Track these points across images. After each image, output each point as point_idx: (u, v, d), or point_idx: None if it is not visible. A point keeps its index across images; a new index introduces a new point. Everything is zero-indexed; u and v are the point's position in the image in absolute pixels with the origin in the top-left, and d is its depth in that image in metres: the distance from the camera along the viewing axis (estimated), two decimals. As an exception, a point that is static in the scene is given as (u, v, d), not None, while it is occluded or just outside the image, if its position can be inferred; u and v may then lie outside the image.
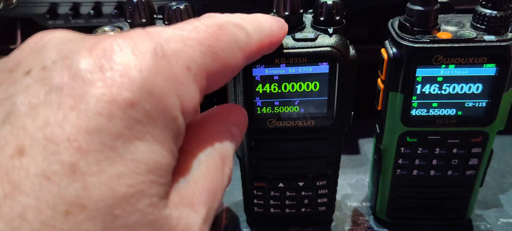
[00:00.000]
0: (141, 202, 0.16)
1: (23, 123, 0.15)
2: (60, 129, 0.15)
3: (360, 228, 0.43)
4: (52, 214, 0.14)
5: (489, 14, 0.31)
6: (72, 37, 0.18)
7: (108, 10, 0.50)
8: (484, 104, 0.33)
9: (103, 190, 0.15)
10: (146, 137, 0.16)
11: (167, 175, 0.17)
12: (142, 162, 0.16)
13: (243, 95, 0.32)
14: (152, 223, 0.16)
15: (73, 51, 0.17)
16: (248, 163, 0.37)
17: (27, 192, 0.14)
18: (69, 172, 0.15)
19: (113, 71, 0.16)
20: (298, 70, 0.30)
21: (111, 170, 0.15)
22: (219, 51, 0.20)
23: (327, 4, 0.30)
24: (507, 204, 0.44)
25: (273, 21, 0.25)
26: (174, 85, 0.17)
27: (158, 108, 0.17)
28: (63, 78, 0.16)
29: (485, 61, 0.31)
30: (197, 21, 0.20)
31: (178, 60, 0.18)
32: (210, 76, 0.19)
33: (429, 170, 0.38)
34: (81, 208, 0.15)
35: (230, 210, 0.45)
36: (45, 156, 0.15)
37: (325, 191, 0.39)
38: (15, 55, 0.18)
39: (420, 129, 0.35)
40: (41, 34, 0.18)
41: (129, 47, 0.17)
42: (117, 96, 0.16)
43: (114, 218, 0.15)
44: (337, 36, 0.30)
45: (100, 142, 0.15)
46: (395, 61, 0.32)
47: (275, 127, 0.33)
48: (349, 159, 0.52)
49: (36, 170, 0.14)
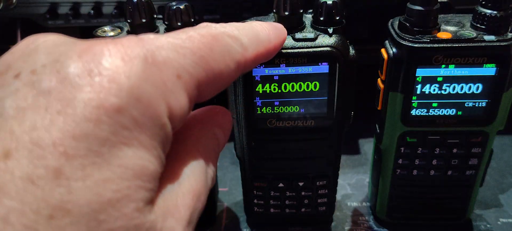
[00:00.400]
0: (127, 206, 0.16)
1: (11, 126, 0.15)
2: (47, 133, 0.15)
3: (360, 228, 0.43)
4: (35, 218, 0.14)
5: (489, 14, 0.31)
6: (63, 41, 0.18)
7: (108, 10, 0.50)
8: (484, 104, 0.33)
9: (88, 194, 0.15)
10: (133, 142, 0.16)
11: (153, 181, 0.17)
12: (128, 167, 0.16)
13: (243, 95, 0.32)
14: (138, 227, 0.16)
15: (63, 55, 0.17)
16: (248, 163, 0.37)
17: (11, 195, 0.14)
18: (54, 177, 0.15)
19: (101, 77, 0.16)
20: (298, 70, 0.30)
21: (97, 175, 0.15)
22: (212, 62, 0.20)
23: (327, 4, 0.30)
24: (507, 204, 0.44)
25: (271, 30, 0.25)
26: (163, 92, 0.17)
27: (145, 115, 0.17)
28: (52, 82, 0.16)
29: (485, 61, 0.31)
30: (192, 31, 0.20)
31: (168, 67, 0.18)
32: (201, 85, 0.20)
33: (429, 170, 0.38)
34: (65, 213, 0.15)
35: (230, 210, 0.45)
36: (30, 159, 0.15)
37: (325, 191, 0.39)
38: (6, 58, 0.18)
39: (420, 129, 0.35)
40: (33, 37, 0.18)
41: (119, 53, 0.17)
42: (105, 101, 0.16)
43: (99, 223, 0.15)
44: (337, 36, 0.30)
45: (86, 147, 0.15)
46: (395, 61, 0.32)
47: (275, 127, 0.33)
48: (349, 159, 0.52)
49: (21, 173, 0.14)
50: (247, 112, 0.33)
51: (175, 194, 0.19)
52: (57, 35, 0.19)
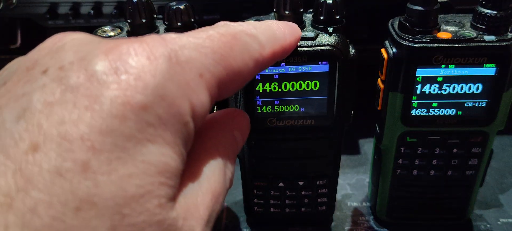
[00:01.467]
0: (150, 202, 0.16)
1: (38, 120, 0.15)
2: (75, 127, 0.15)
3: (360, 228, 0.43)
4: (63, 210, 0.15)
5: (489, 14, 0.31)
6: (90, 40, 0.19)
7: (108, 10, 0.50)
8: (484, 104, 0.33)
9: (113, 189, 0.15)
10: (157, 139, 0.17)
11: (176, 178, 0.18)
12: (152, 164, 0.16)
13: (243, 94, 0.32)
14: (160, 223, 0.16)
15: (90, 53, 0.17)
16: (248, 163, 0.37)
17: (39, 187, 0.15)
18: (81, 170, 0.15)
19: (128, 75, 0.16)
20: (298, 69, 0.30)
21: (122, 170, 0.16)
22: (232, 61, 0.20)
23: (327, 3, 0.30)
24: (507, 204, 0.44)
25: (286, 29, 0.25)
26: (186, 91, 0.18)
27: (169, 113, 0.17)
28: (79, 79, 0.16)
29: (485, 61, 0.31)
30: (212, 30, 0.20)
31: (191, 67, 0.18)
32: (222, 84, 0.20)
33: (429, 170, 0.38)
34: (91, 205, 0.15)
35: (230, 210, 0.45)
36: (58, 153, 0.15)
37: (325, 190, 0.39)
38: (33, 55, 0.18)
39: (420, 129, 0.35)
40: (60, 35, 0.19)
41: (144, 52, 0.17)
42: (131, 99, 0.16)
43: (123, 217, 0.15)
44: (337, 35, 0.30)
45: (112, 143, 0.16)
46: (395, 61, 0.32)
47: (275, 126, 0.33)
48: (349, 159, 0.52)
49: (49, 166, 0.15)
50: (247, 112, 0.33)
51: (196, 193, 0.19)
52: (83, 34, 0.19)
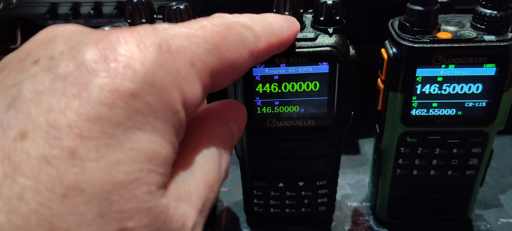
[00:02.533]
0: (139, 189, 0.16)
1: (28, 108, 0.16)
2: (62, 115, 0.15)
3: (360, 228, 0.43)
4: (50, 196, 0.15)
5: (489, 14, 0.31)
6: (81, 31, 0.19)
7: (108, 10, 0.50)
8: (484, 104, 0.33)
9: (101, 175, 0.15)
10: (146, 127, 0.17)
11: (166, 166, 0.18)
12: (141, 151, 0.16)
13: (243, 95, 0.32)
14: (149, 210, 0.16)
15: (80, 42, 0.17)
16: (248, 163, 0.37)
17: (27, 174, 0.15)
18: (69, 157, 0.15)
19: (117, 63, 0.16)
20: (298, 70, 0.30)
21: (110, 157, 0.16)
22: (225, 51, 0.20)
23: (327, 4, 0.30)
24: (507, 204, 0.44)
25: (284, 21, 0.25)
26: (176, 79, 0.18)
27: (159, 100, 0.17)
28: (68, 68, 0.16)
29: (485, 61, 0.31)
30: (205, 20, 0.20)
31: (182, 55, 0.18)
32: (215, 74, 0.20)
33: (429, 170, 0.38)
34: (79, 192, 0.15)
35: (230, 210, 0.45)
36: (46, 140, 0.15)
37: (325, 191, 0.39)
38: (26, 46, 0.19)
39: (420, 129, 0.35)
40: (52, 27, 0.19)
41: (134, 40, 0.17)
42: (119, 86, 0.16)
43: (111, 203, 0.15)
44: (337, 36, 0.30)
45: (101, 130, 0.16)
46: (395, 61, 0.32)
47: (275, 126, 0.33)
48: (349, 159, 0.52)
49: (37, 153, 0.15)
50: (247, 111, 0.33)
51: (188, 181, 0.19)
52: (75, 25, 0.19)
